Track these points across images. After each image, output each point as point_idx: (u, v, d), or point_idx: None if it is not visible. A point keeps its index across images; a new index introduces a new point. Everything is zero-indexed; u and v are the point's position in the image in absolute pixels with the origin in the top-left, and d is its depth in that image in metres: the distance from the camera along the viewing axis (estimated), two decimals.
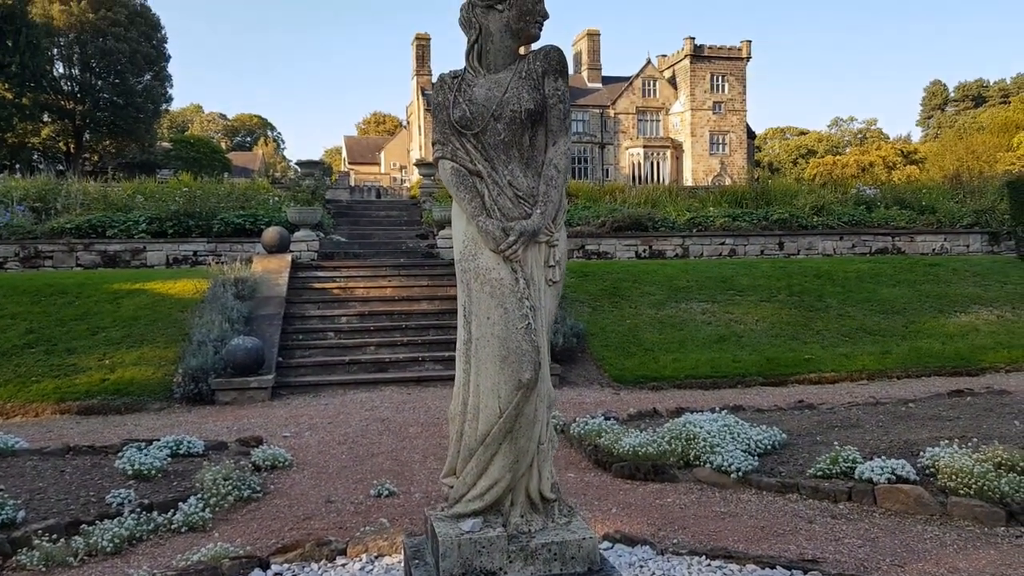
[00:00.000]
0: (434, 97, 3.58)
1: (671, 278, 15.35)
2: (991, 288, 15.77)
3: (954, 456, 5.87)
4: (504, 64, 3.48)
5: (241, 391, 10.61)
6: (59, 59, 52.59)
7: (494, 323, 3.19)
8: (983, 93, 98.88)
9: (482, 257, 3.27)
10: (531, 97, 3.40)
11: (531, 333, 3.20)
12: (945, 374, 11.98)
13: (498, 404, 3.18)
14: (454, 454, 3.37)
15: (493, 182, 3.38)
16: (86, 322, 12.35)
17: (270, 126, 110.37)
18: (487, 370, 3.20)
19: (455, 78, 3.52)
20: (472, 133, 3.42)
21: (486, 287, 3.23)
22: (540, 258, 3.36)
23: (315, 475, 6.98)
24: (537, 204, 3.36)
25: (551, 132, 3.47)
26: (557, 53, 3.52)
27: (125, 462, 6.66)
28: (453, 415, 3.37)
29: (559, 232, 3.43)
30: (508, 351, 3.17)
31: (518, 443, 3.21)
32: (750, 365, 11.96)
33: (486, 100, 3.40)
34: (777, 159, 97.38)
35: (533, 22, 3.46)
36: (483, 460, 3.23)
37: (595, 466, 7.10)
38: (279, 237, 14.88)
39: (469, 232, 3.34)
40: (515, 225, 3.27)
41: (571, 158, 4.50)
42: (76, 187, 19.05)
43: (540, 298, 3.32)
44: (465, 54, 3.56)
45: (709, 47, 67.28)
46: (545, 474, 3.36)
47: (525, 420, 3.22)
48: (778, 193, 22.10)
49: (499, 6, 3.42)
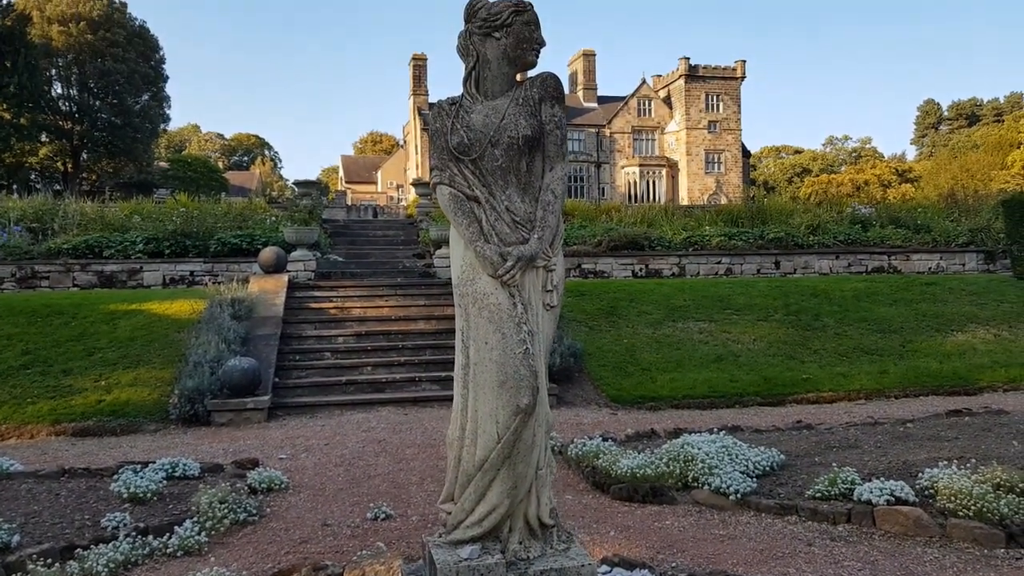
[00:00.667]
0: (432, 123, 3.60)
1: (668, 297, 15.35)
2: (987, 307, 15.79)
3: (953, 477, 5.86)
4: (501, 91, 3.51)
5: (237, 412, 10.56)
6: (57, 80, 52.83)
7: (492, 348, 3.19)
8: (976, 112, 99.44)
9: (480, 282, 3.28)
10: (528, 123, 3.42)
11: (529, 358, 3.20)
12: (943, 393, 11.98)
13: (496, 429, 3.17)
14: (452, 480, 3.36)
15: (491, 207, 3.40)
16: (82, 343, 12.32)
17: (267, 145, 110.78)
18: (485, 395, 3.20)
19: (453, 105, 3.54)
20: (470, 159, 3.44)
21: (484, 312, 3.23)
22: (538, 283, 3.36)
23: (311, 497, 6.94)
24: (534, 229, 3.37)
25: (548, 158, 3.49)
26: (554, 80, 3.54)
27: (120, 485, 6.62)
28: (451, 440, 3.36)
29: (556, 256, 3.44)
30: (506, 376, 3.17)
31: (516, 469, 3.20)
32: (748, 385, 11.94)
33: (484, 126, 3.42)
34: (772, 178, 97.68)
35: (530, 50, 3.48)
36: (481, 486, 3.22)
37: (593, 488, 7.07)
38: (276, 257, 14.88)
39: (467, 257, 3.35)
40: (513, 250, 3.28)
41: (568, 179, 4.44)
42: (73, 207, 19.05)
43: (538, 323, 3.32)
44: (463, 81, 3.58)
45: (704, 67, 67.66)
46: (544, 500, 3.35)
47: (523, 445, 3.21)
48: (774, 212, 22.17)
49: (496, 34, 3.45)
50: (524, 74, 3.64)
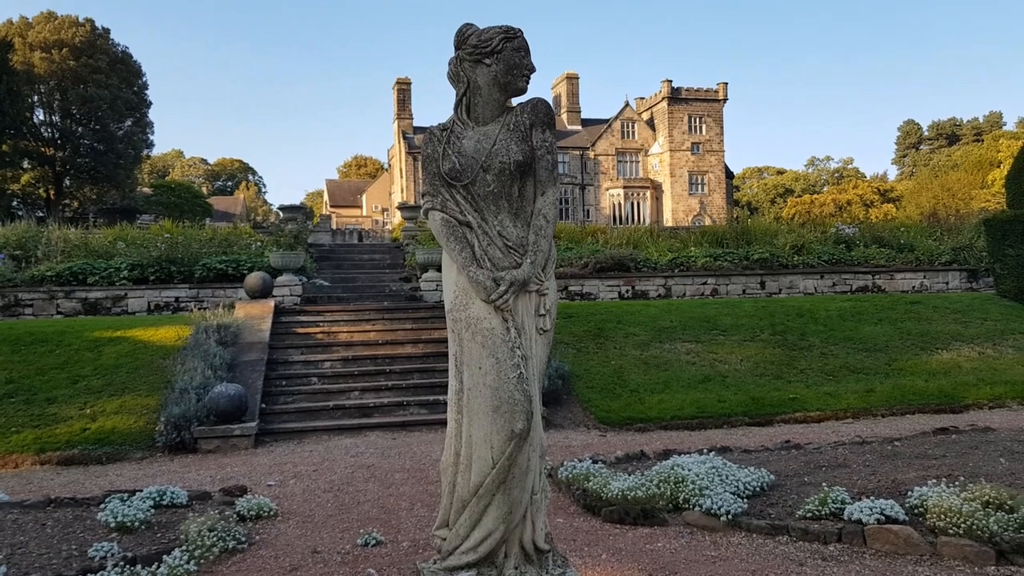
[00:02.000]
0: (424, 149, 3.62)
1: (655, 318, 15.39)
2: (972, 325, 15.91)
3: (942, 495, 5.88)
4: (492, 116, 3.53)
5: (224, 439, 10.49)
6: (40, 106, 52.75)
7: (486, 373, 3.20)
8: (956, 131, 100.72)
9: (473, 307, 3.29)
10: (519, 149, 3.44)
11: (523, 382, 3.20)
12: (929, 411, 12.03)
13: (491, 454, 3.17)
14: (447, 505, 3.35)
15: (483, 232, 3.41)
16: (67, 371, 12.21)
17: (251, 170, 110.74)
18: (479, 420, 3.20)
19: (444, 131, 3.56)
20: (462, 184, 3.45)
21: (478, 337, 3.23)
22: (531, 307, 3.37)
23: (301, 524, 6.89)
24: (527, 254, 3.38)
25: (539, 182, 3.51)
26: (544, 105, 3.57)
27: (108, 514, 6.54)
28: (445, 466, 3.35)
29: (549, 281, 3.45)
30: (500, 401, 3.17)
31: (512, 494, 3.20)
32: (735, 405, 11.96)
33: (475, 152, 3.44)
34: (756, 198, 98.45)
35: (520, 76, 3.51)
36: (476, 511, 3.21)
37: (584, 511, 7.05)
38: (261, 282, 14.84)
39: (460, 282, 3.36)
40: (505, 275, 3.29)
41: (558, 209, 4.45)
42: (57, 234, 18.96)
43: (531, 347, 3.33)
44: (454, 107, 3.61)
45: (686, 89, 68.36)
46: (539, 524, 3.34)
47: (518, 470, 3.21)
48: (758, 233, 22.32)
49: (487, 60, 3.48)
50: (514, 99, 3.67)
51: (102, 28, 55.41)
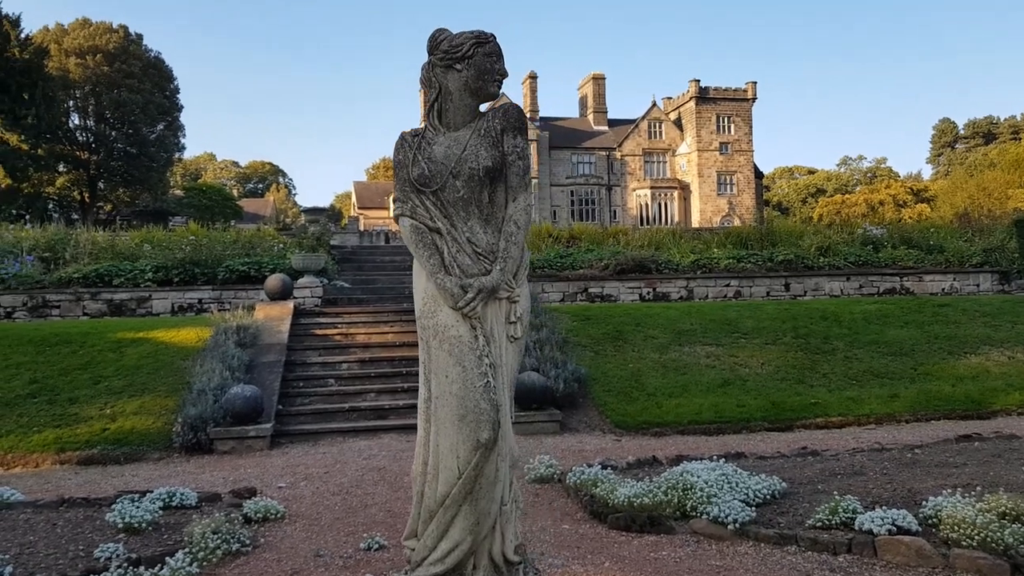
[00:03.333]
0: (395, 155, 3.59)
1: (675, 321, 15.25)
2: (1002, 328, 15.59)
3: (956, 506, 5.73)
4: (464, 122, 3.49)
5: (240, 440, 10.54)
6: (74, 111, 53.67)
7: (452, 381, 3.15)
8: (993, 130, 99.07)
9: (441, 314, 3.25)
10: (489, 155, 3.40)
11: (490, 391, 3.15)
12: (955, 417, 11.81)
13: (457, 464, 3.13)
14: (415, 515, 3.31)
15: (452, 239, 3.37)
16: (89, 371, 12.36)
17: (282, 173, 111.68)
18: (446, 429, 3.16)
19: (415, 136, 3.53)
20: (431, 191, 3.42)
21: (444, 345, 3.20)
22: (501, 314, 3.32)
23: (307, 527, 6.89)
24: (497, 260, 3.34)
25: (511, 188, 3.47)
26: (516, 111, 3.52)
27: (116, 515, 6.58)
28: (415, 475, 3.32)
29: (520, 288, 3.40)
30: (466, 410, 3.12)
31: (479, 504, 3.15)
32: (755, 410, 11.81)
33: (445, 158, 3.40)
34: (786, 198, 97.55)
35: (492, 81, 3.47)
36: (443, 522, 3.16)
37: (591, 517, 6.96)
38: (281, 284, 14.92)
39: (429, 289, 3.33)
40: (474, 282, 3.25)
41: (531, 215, 4.39)
42: (85, 237, 19.22)
43: (501, 355, 3.28)
44: (426, 112, 3.58)
45: (714, 89, 67.89)
46: (509, 536, 3.28)
47: (486, 480, 3.16)
48: (783, 234, 22.06)
49: (458, 66, 3.44)
50: (488, 105, 3.62)
51: (135, 34, 56.22)
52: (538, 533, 6.46)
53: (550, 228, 24.27)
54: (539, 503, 7.44)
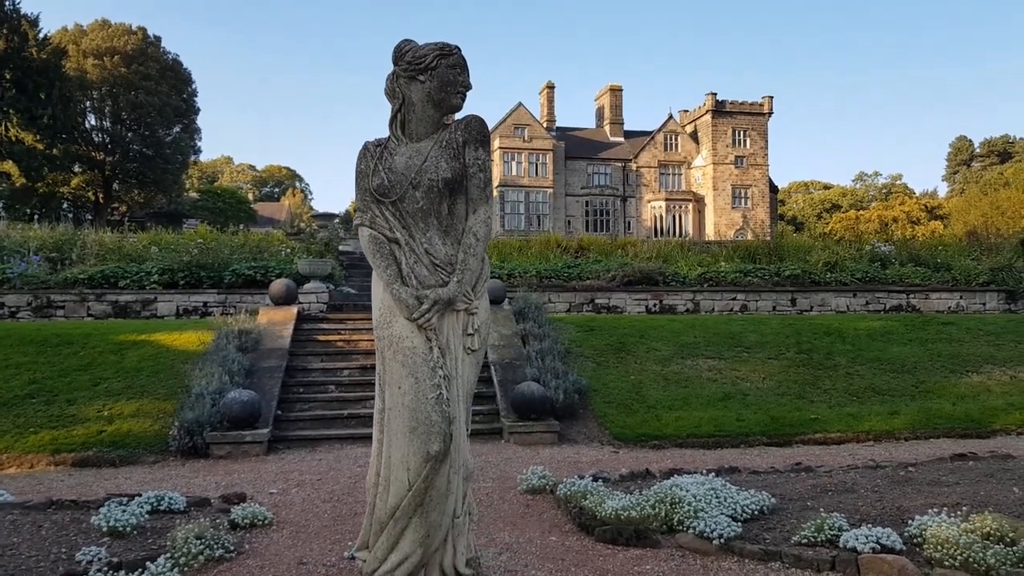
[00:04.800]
0: (357, 165, 3.60)
1: (678, 334, 15.20)
2: (1004, 347, 15.47)
3: (941, 525, 5.68)
4: (427, 133, 3.49)
5: (236, 445, 10.56)
6: (91, 111, 53.99)
7: (405, 393, 3.14)
8: (1009, 149, 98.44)
9: (396, 325, 3.24)
10: (449, 166, 3.40)
11: (442, 403, 3.14)
12: (955, 436, 11.73)
13: (407, 476, 3.12)
14: (367, 527, 3.30)
15: (410, 250, 3.37)
16: (89, 373, 12.41)
17: (298, 177, 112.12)
18: (397, 441, 3.15)
19: (378, 146, 3.54)
20: (390, 201, 3.42)
21: (398, 356, 3.19)
22: (458, 326, 3.31)
23: (293, 534, 6.88)
24: (455, 272, 3.33)
25: (471, 201, 3.46)
26: (478, 123, 3.52)
27: (101, 518, 6.59)
28: (368, 486, 3.31)
29: (479, 300, 3.39)
30: (417, 422, 3.11)
31: (429, 517, 3.13)
32: (754, 424, 11.76)
33: (406, 169, 3.41)
34: (801, 213, 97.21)
35: (455, 93, 3.47)
36: (393, 534, 3.15)
37: (579, 529, 6.93)
38: (286, 289, 14.96)
39: (385, 300, 3.32)
40: (430, 293, 3.24)
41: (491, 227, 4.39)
42: (92, 238, 19.31)
43: (456, 367, 3.27)
44: (389, 123, 3.58)
45: (731, 103, 67.81)
46: (460, 548, 3.27)
47: (436, 493, 3.14)
48: (791, 249, 21.98)
49: (421, 77, 3.44)
50: (452, 116, 3.62)
51: (154, 36, 56.59)
52: (524, 544, 6.44)
53: (558, 238, 24.26)
54: (529, 514, 7.42)
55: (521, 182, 63.94)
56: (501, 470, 9.37)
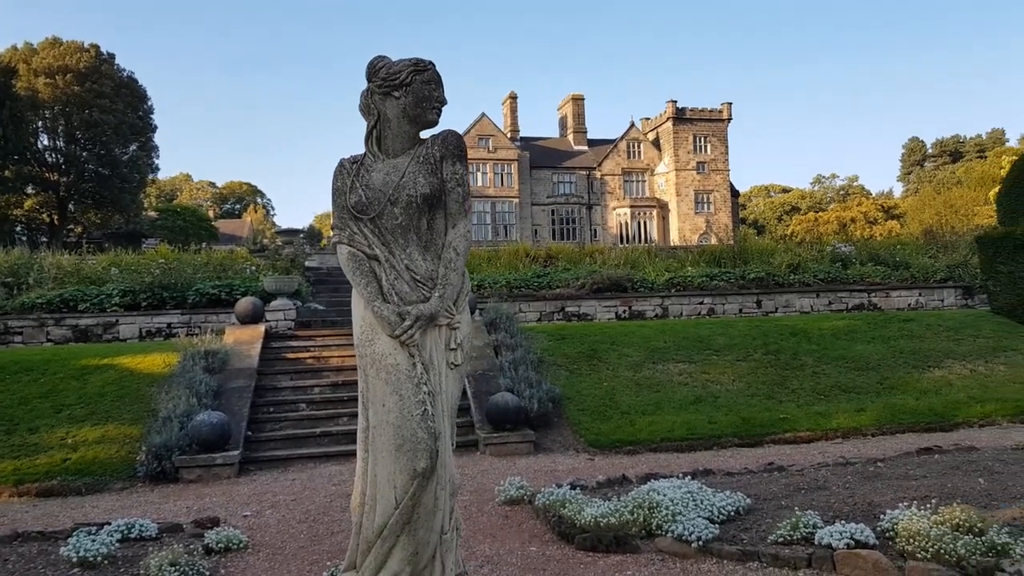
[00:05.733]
0: (333, 182, 3.58)
1: (648, 339, 15.30)
2: (964, 342, 15.78)
3: (912, 519, 5.76)
4: (403, 149, 3.49)
5: (206, 468, 10.40)
6: (44, 131, 52.87)
7: (389, 410, 3.13)
8: (960, 148, 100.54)
9: (379, 342, 3.23)
10: (427, 182, 3.40)
11: (428, 420, 3.13)
12: (919, 430, 11.94)
13: (394, 494, 3.10)
14: (353, 547, 3.27)
15: (390, 266, 3.36)
16: (51, 400, 12.15)
17: (260, 193, 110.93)
18: (383, 459, 3.13)
19: (354, 163, 3.53)
20: (368, 218, 3.41)
21: (382, 373, 3.17)
22: (441, 341, 3.31)
23: (270, 557, 6.79)
24: (436, 287, 3.33)
25: (450, 215, 3.47)
26: (455, 138, 3.53)
27: (71, 549, 6.45)
28: (354, 506, 3.28)
29: (461, 314, 3.39)
30: (403, 439, 3.10)
31: (417, 535, 3.12)
32: (726, 426, 11.86)
33: (383, 185, 3.40)
34: (762, 216, 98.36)
35: (430, 108, 3.48)
36: (381, 554, 3.12)
37: (559, 538, 6.93)
38: (252, 307, 14.81)
39: (367, 317, 3.31)
40: (412, 309, 3.24)
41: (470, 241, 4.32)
42: (49, 261, 18.93)
43: (440, 382, 3.27)
44: (365, 139, 3.58)
45: (691, 110, 68.55)
46: (449, 565, 3.25)
47: (424, 510, 3.13)
48: (755, 252, 22.25)
49: (396, 93, 3.45)
50: (428, 131, 3.63)
51: (107, 53, 55.56)
52: (505, 555, 6.43)
53: (527, 248, 24.30)
54: (508, 525, 7.41)
55: (487, 192, 63.99)
56: (478, 482, 9.34)
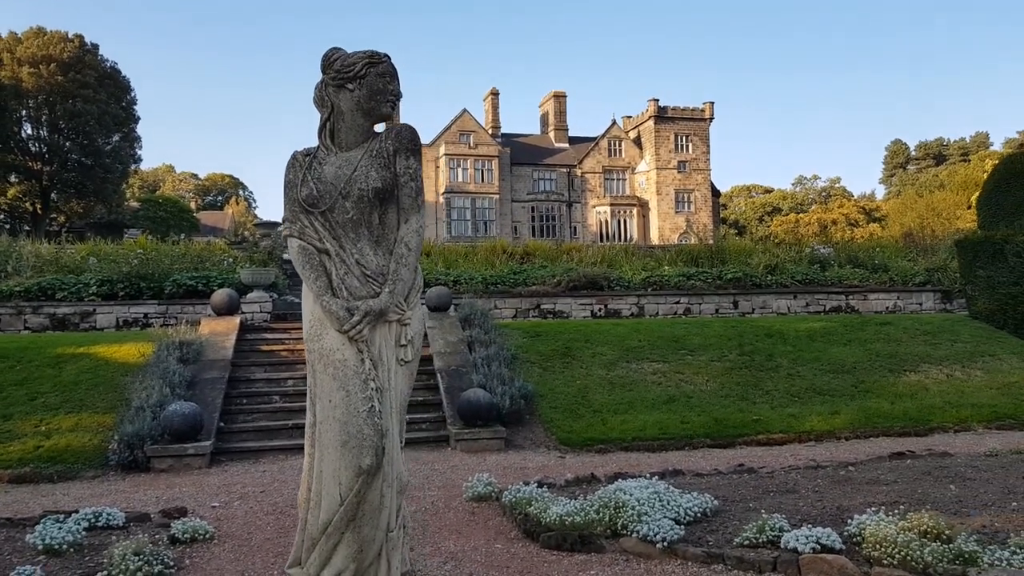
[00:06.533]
0: (286, 175, 3.55)
1: (623, 338, 15.32)
2: (941, 347, 15.88)
3: (879, 524, 5.79)
4: (356, 142, 3.46)
5: (177, 458, 10.37)
6: (27, 120, 52.63)
7: (335, 406, 3.11)
8: (943, 152, 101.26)
9: (327, 337, 3.21)
10: (379, 176, 3.38)
11: (374, 416, 3.12)
12: (893, 434, 11.99)
13: (339, 491, 3.08)
14: (299, 543, 3.26)
15: (341, 260, 3.34)
16: (25, 387, 12.09)
17: (242, 185, 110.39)
18: (329, 455, 3.12)
19: (307, 156, 3.50)
20: (319, 211, 3.39)
21: (329, 369, 3.16)
22: (391, 337, 3.29)
23: (235, 548, 6.77)
24: (387, 283, 3.31)
25: (403, 210, 3.44)
26: (409, 132, 3.50)
27: (36, 537, 6.43)
28: (300, 501, 3.27)
29: (412, 310, 3.37)
30: (349, 435, 3.08)
31: (362, 532, 3.10)
32: (698, 426, 11.90)
33: (335, 178, 3.37)
34: (743, 216, 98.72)
35: (384, 102, 3.45)
36: (326, 550, 3.12)
37: (524, 536, 6.94)
38: (228, 299, 14.74)
39: (316, 312, 3.29)
40: (361, 304, 3.22)
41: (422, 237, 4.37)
42: (28, 249, 18.84)
43: (389, 379, 3.25)
44: (318, 131, 3.55)
45: (672, 108, 68.67)
46: (395, 563, 3.24)
47: (369, 507, 3.12)
48: (733, 252, 22.34)
49: (349, 85, 3.42)
50: (386, 124, 3.61)
51: (91, 44, 55.28)
52: (470, 552, 6.43)
53: (504, 244, 24.31)
54: (475, 522, 7.41)
55: (467, 188, 63.91)
56: (447, 478, 9.34)
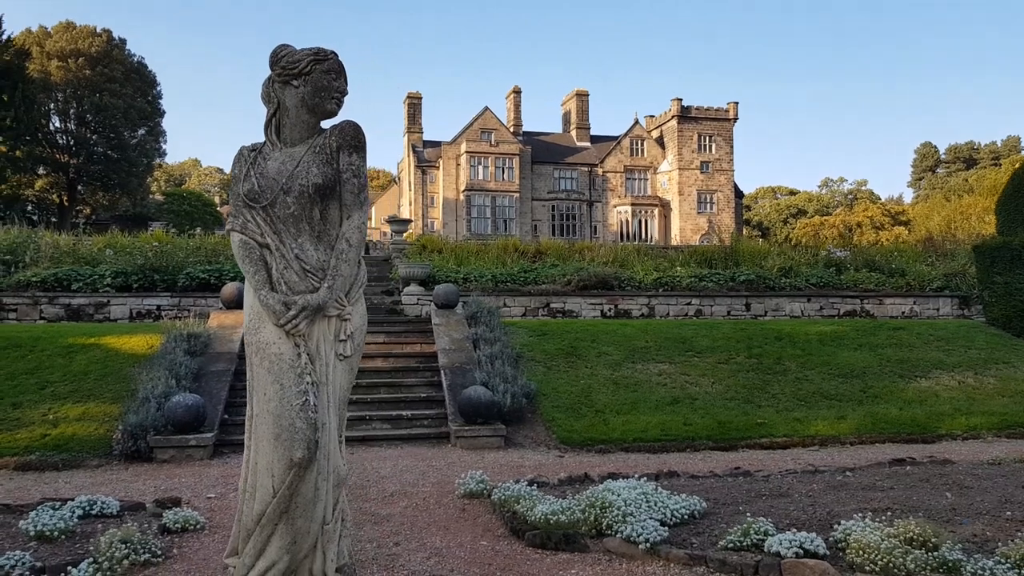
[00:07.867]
0: (231, 170, 3.59)
1: (630, 338, 15.29)
2: (955, 353, 15.70)
3: (865, 530, 5.76)
4: (302, 138, 3.50)
5: (180, 449, 10.48)
6: (55, 113, 53.41)
7: (270, 399, 3.15)
8: (974, 155, 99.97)
9: (264, 331, 3.25)
10: (321, 172, 3.41)
11: (307, 410, 3.15)
12: (900, 440, 11.88)
13: (272, 483, 3.12)
14: (235, 533, 3.30)
15: (280, 255, 3.37)
16: (36, 376, 12.27)
17: None
18: (263, 448, 3.16)
19: (253, 151, 3.53)
20: (260, 206, 3.42)
21: (265, 362, 3.19)
22: (330, 332, 3.32)
23: (225, 539, 6.79)
24: (326, 278, 3.34)
25: (345, 206, 3.47)
26: (352, 128, 3.53)
27: (29, 523, 6.53)
28: (240, 492, 3.31)
29: (353, 306, 3.40)
30: (281, 428, 3.12)
31: (295, 523, 3.14)
32: (701, 429, 11.85)
33: (277, 174, 3.41)
34: (767, 218, 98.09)
35: (329, 98, 3.48)
36: (260, 541, 3.15)
37: (511, 534, 6.95)
38: (237, 292, 14.85)
39: (255, 306, 3.32)
40: (298, 299, 3.25)
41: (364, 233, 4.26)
42: (47, 240, 19.08)
43: (327, 373, 3.28)
44: (264, 127, 3.58)
45: (696, 108, 68.28)
46: (331, 555, 3.27)
47: (302, 499, 3.15)
48: (747, 254, 22.18)
49: (295, 82, 3.45)
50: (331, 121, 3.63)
51: (119, 38, 56.05)
52: (455, 549, 6.46)
53: (517, 242, 24.28)
54: (464, 518, 7.44)
55: (488, 186, 63.96)
56: (443, 474, 9.38)
